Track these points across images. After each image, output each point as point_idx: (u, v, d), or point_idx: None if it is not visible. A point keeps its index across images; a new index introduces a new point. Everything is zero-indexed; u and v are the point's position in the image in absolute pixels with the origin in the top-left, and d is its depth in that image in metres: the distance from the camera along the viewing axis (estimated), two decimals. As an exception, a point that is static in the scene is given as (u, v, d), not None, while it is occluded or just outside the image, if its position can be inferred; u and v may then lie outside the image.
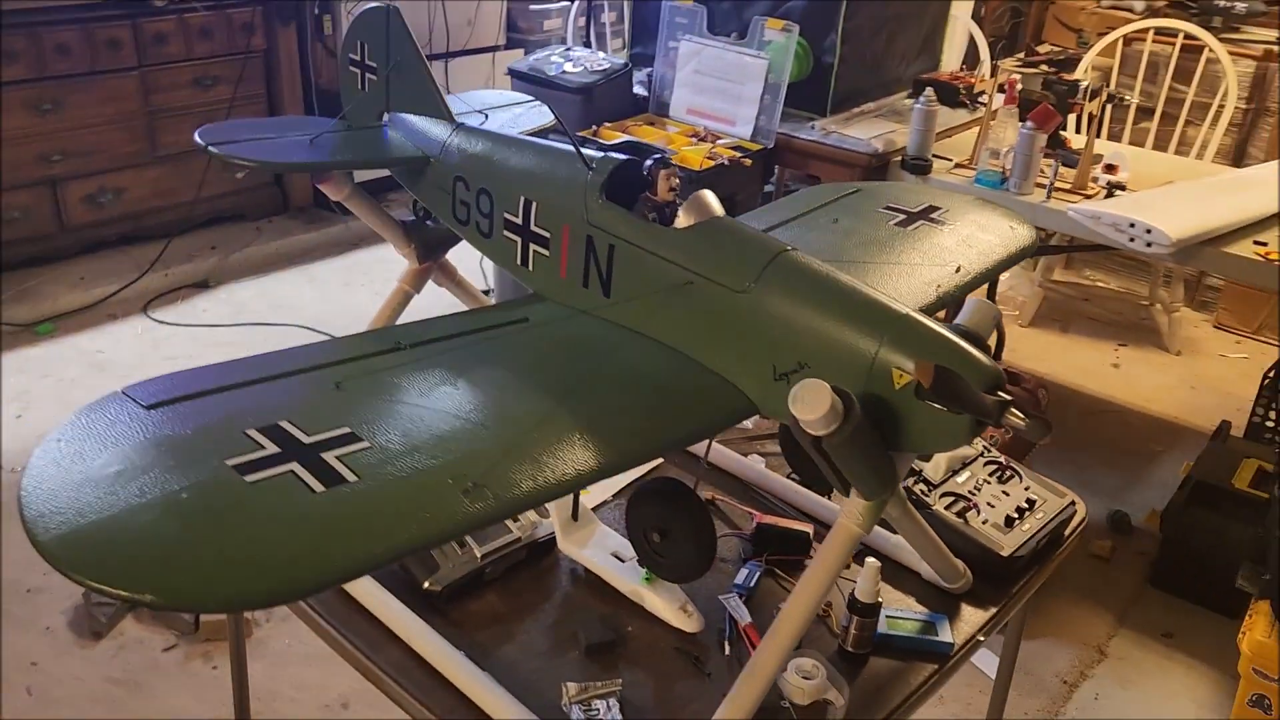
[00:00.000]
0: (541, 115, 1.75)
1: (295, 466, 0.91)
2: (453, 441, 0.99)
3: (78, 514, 0.83)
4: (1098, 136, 3.38)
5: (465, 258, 1.68)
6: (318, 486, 0.89)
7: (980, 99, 3.83)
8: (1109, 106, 3.85)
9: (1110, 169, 3.32)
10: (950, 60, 4.48)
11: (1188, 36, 4.39)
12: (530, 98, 1.84)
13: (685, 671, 1.36)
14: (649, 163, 1.28)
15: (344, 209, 1.64)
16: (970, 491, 1.63)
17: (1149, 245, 2.80)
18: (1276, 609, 2.46)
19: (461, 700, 1.29)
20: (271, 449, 0.93)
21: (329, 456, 0.93)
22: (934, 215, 1.62)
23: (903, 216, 1.61)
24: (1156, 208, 2.90)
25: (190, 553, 0.82)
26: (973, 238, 1.57)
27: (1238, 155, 4.70)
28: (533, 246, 1.38)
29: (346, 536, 0.85)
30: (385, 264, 4.64)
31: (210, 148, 1.51)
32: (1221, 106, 4.43)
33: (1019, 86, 3.29)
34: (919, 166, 3.33)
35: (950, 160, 3.40)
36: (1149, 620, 2.95)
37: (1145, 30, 4.52)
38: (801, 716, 1.27)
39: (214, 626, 2.56)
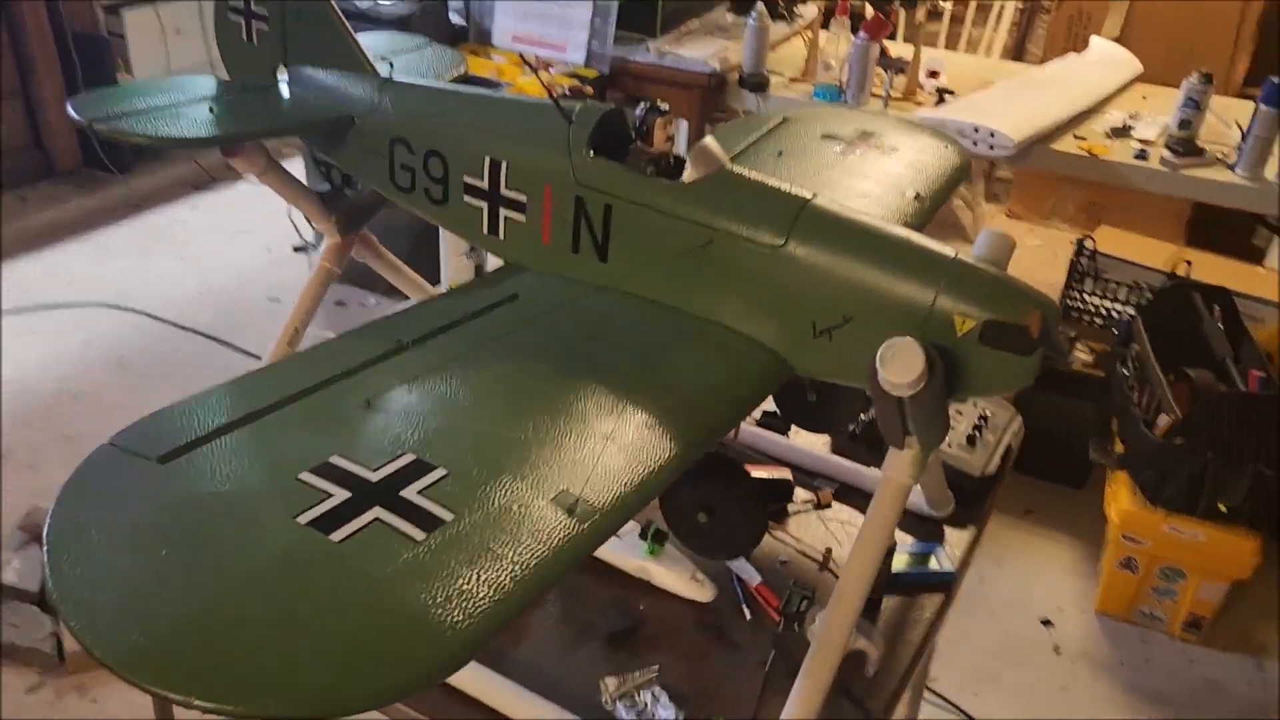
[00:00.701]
0: (443, 59, 1.57)
1: (380, 513, 0.77)
2: (531, 453, 0.87)
3: (143, 620, 0.66)
4: (891, 40, 3.45)
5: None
6: (417, 533, 0.76)
7: (797, 10, 3.85)
8: (911, 11, 3.95)
9: (934, 74, 3.43)
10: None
11: (970, -59, 4.57)
12: (423, 39, 1.65)
13: (712, 645, 1.30)
14: (641, 111, 1.17)
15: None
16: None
17: (992, 148, 2.92)
18: (1135, 479, 2.68)
19: (490, 715, 1.18)
20: (340, 494, 0.78)
21: (410, 494, 0.80)
22: (872, 141, 1.59)
23: (842, 144, 1.57)
24: (993, 111, 3.02)
25: (302, 643, 0.67)
26: (917, 162, 1.55)
27: (1017, 52, 4.97)
28: (504, 212, 1.24)
29: (472, 592, 0.72)
30: (181, 226, 4.22)
31: (95, 124, 1.26)
32: (1003, 7, 4.66)
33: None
34: (757, 83, 3.32)
35: (783, 75, 3.41)
36: (1010, 501, 3.16)
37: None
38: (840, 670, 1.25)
39: (81, 658, 2.29)
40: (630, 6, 3.44)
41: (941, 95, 3.25)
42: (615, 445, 0.91)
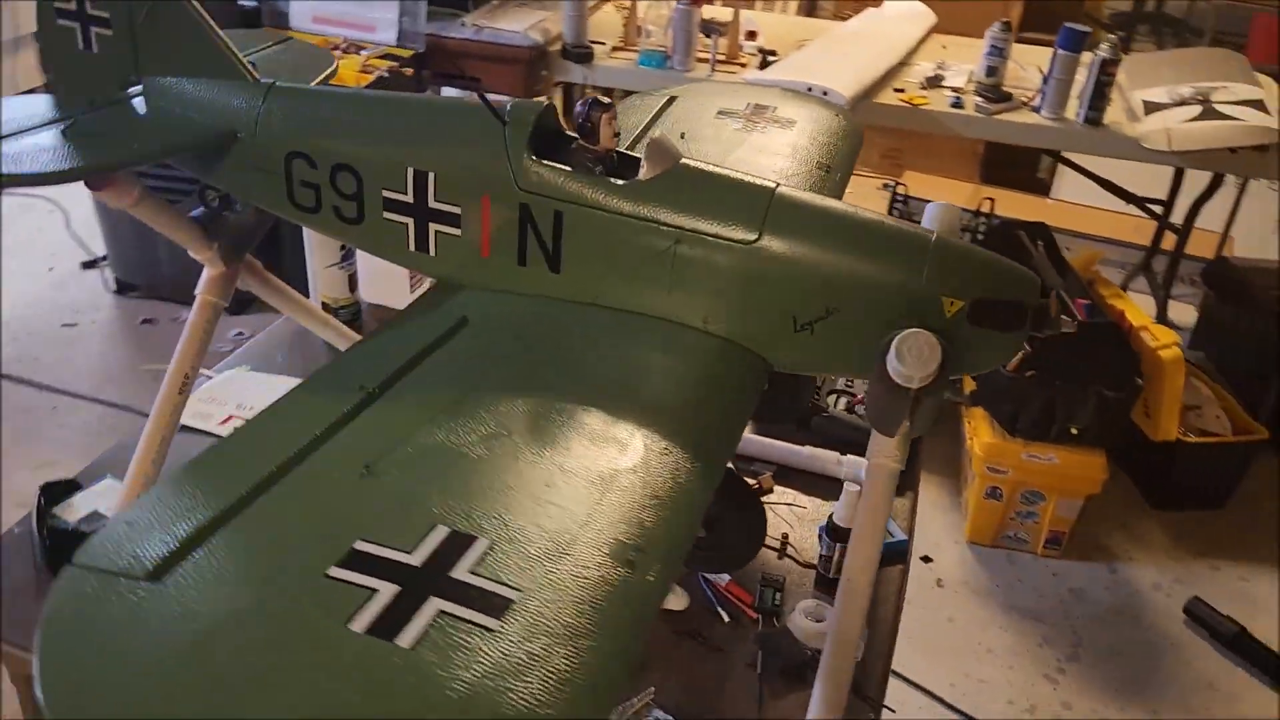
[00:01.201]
0: (310, 60, 1.41)
1: (440, 603, 0.67)
2: (563, 506, 0.78)
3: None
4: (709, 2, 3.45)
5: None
6: (490, 621, 0.66)
7: (606, -24, 3.77)
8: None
9: (752, 35, 3.45)
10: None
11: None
12: (283, 36, 1.47)
13: (697, 653, 1.26)
14: (583, 106, 1.08)
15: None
16: (847, 384, 1.65)
17: (825, 107, 2.97)
18: (992, 414, 2.82)
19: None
20: (386, 588, 0.67)
21: (462, 574, 0.69)
22: (768, 114, 1.56)
23: (741, 120, 1.53)
24: (821, 70, 3.06)
25: None
26: (816, 133, 1.53)
27: (810, 8, 5.09)
28: (434, 226, 1.12)
29: (573, 678, 0.63)
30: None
31: None
32: (794, -37, 4.74)
33: (671, -38, 3.26)
34: (581, 54, 3.24)
35: (605, 44, 3.34)
36: (868, 446, 3.27)
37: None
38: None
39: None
40: (436, -20, 3.28)
41: (765, 56, 3.27)
42: (640, 480, 0.84)
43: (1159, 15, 6.18)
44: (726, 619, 1.30)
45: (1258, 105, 3.07)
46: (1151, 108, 3.10)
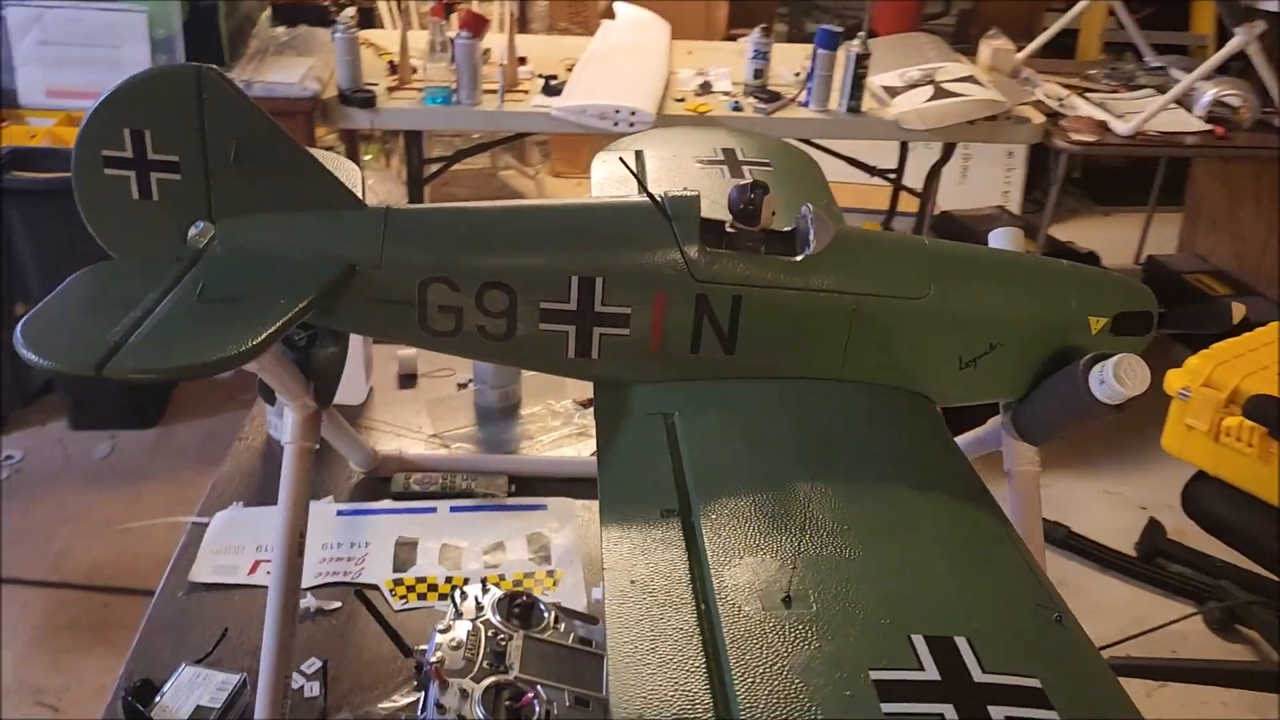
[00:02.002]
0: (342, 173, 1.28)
1: (997, 709, 0.69)
2: (983, 581, 0.83)
3: None
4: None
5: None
6: (1042, 713, 0.70)
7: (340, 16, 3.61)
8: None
9: (523, 61, 3.47)
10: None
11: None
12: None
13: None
14: (745, 191, 1.10)
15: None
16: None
17: (633, 125, 3.06)
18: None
19: None
20: (942, 708, 0.69)
21: (981, 678, 0.72)
22: (745, 157, 1.62)
23: (727, 167, 1.59)
24: (616, 89, 3.15)
25: None
26: (795, 171, 1.62)
27: (524, 23, 5.14)
28: (599, 330, 1.10)
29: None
30: None
31: (106, 369, 0.84)
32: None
33: (445, -2, 3.20)
34: (363, 99, 3.10)
35: (377, 85, 3.22)
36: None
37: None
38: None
39: None
40: (186, 37, 3.02)
41: (547, 82, 3.30)
42: (1005, 535, 0.91)
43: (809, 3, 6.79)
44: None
45: (973, 80, 3.54)
46: (891, 92, 3.49)
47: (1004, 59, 3.86)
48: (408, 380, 1.87)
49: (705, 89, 3.43)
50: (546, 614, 1.29)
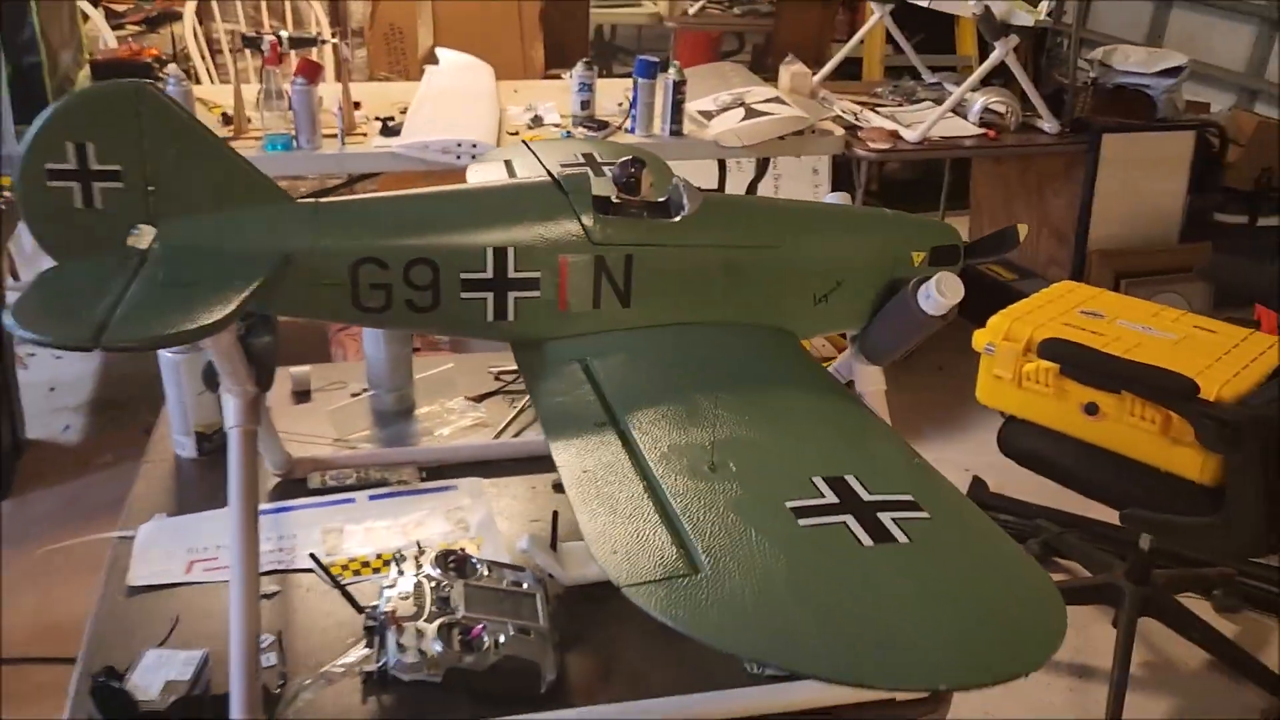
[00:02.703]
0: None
1: (883, 515, 0.90)
2: (866, 440, 1.05)
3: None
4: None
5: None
6: (920, 513, 0.91)
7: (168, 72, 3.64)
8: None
9: (357, 105, 3.59)
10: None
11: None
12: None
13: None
14: (626, 166, 1.30)
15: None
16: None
17: (474, 156, 3.23)
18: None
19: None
20: (846, 518, 0.89)
21: (869, 497, 0.93)
22: (603, 159, 1.82)
23: (586, 168, 1.78)
24: (456, 125, 3.32)
25: None
26: (660, 168, 1.83)
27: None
28: (513, 294, 1.26)
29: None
30: None
31: (99, 341, 0.93)
32: (319, 30, 4.87)
33: (281, 48, 3.29)
34: (204, 150, 3.15)
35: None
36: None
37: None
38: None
39: None
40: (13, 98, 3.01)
41: (385, 124, 3.43)
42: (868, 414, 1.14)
43: (610, 44, 7.14)
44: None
45: (779, 100, 3.89)
46: (707, 115, 3.79)
47: (802, 81, 4.24)
48: (303, 396, 1.97)
49: (536, 122, 3.64)
50: (479, 565, 1.43)
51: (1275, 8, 5.40)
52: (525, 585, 1.43)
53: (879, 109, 4.21)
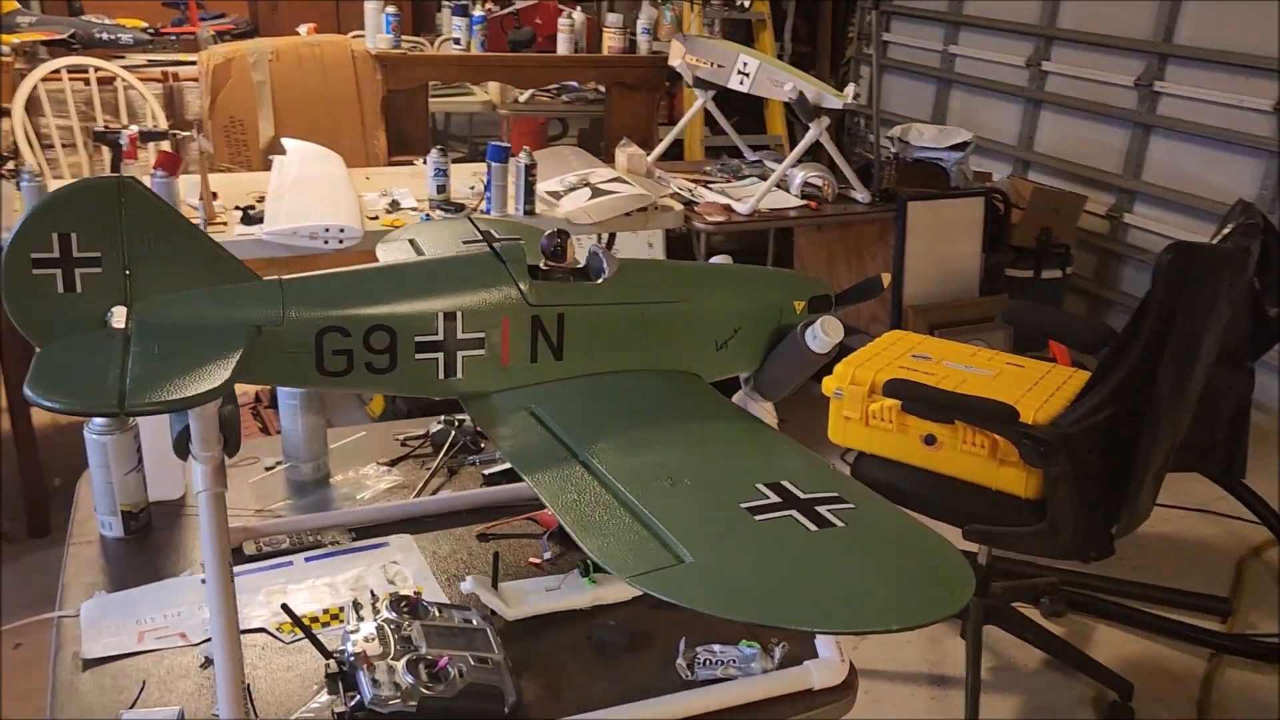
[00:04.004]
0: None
1: (823, 507, 1.12)
2: (785, 459, 1.26)
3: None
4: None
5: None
6: (846, 505, 1.12)
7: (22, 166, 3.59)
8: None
9: (215, 195, 3.64)
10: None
11: (98, 69, 4.69)
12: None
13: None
14: (553, 238, 1.48)
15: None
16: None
17: (342, 241, 3.35)
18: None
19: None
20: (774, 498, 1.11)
21: (804, 495, 1.14)
22: (499, 235, 2.01)
23: (480, 239, 1.96)
24: (319, 212, 3.42)
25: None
26: (535, 237, 2.02)
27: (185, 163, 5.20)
28: (461, 354, 1.41)
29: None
30: None
31: (125, 407, 1.00)
32: (156, 123, 4.88)
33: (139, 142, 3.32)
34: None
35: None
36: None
37: (58, 72, 4.64)
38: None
39: None
40: None
41: (245, 212, 3.50)
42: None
43: (444, 132, 7.34)
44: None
45: (621, 180, 4.18)
46: (555, 195, 4.04)
47: (638, 162, 4.55)
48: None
49: (394, 206, 3.78)
50: (430, 608, 1.56)
51: (1034, 89, 6.16)
52: (475, 622, 1.56)
53: (710, 185, 4.56)
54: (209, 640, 1.46)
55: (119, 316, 1.29)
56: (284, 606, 1.49)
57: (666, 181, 4.51)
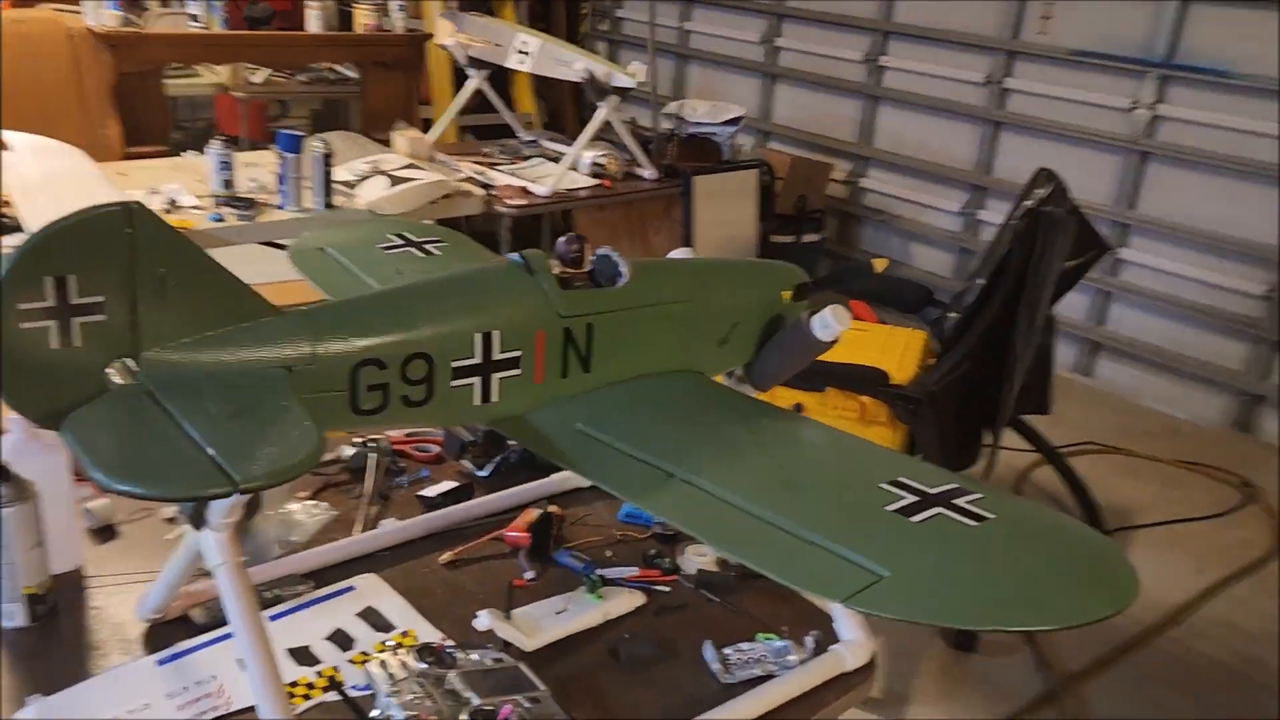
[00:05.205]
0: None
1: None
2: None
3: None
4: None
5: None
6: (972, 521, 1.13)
7: None
8: None
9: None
10: None
11: None
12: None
13: (715, 607, 1.67)
14: (570, 243, 1.37)
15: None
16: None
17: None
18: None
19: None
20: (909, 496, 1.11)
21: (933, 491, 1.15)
22: (419, 239, 1.85)
23: (411, 249, 1.81)
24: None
25: None
26: (455, 239, 1.88)
27: None
28: (496, 376, 1.28)
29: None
30: None
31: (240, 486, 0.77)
32: None
33: None
34: None
35: None
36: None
37: None
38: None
39: None
40: None
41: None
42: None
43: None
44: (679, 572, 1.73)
45: (414, 166, 3.99)
46: (349, 185, 3.78)
47: (420, 146, 4.35)
48: (105, 531, 1.75)
49: (173, 205, 3.39)
50: (454, 652, 1.43)
51: (770, 64, 6.50)
52: (505, 660, 1.45)
53: (498, 168, 4.44)
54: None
55: (122, 373, 1.07)
56: (334, 684, 1.31)
57: (452, 166, 4.34)
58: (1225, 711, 3.10)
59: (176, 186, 3.52)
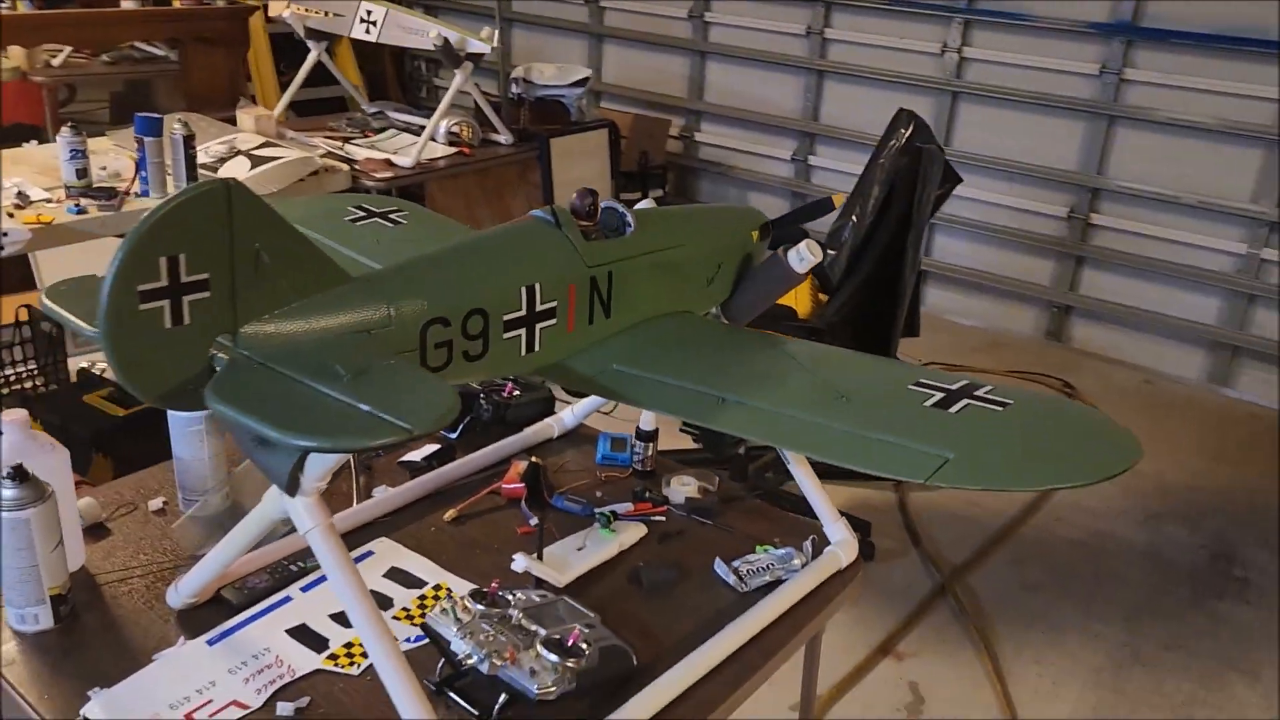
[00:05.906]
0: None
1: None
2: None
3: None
4: None
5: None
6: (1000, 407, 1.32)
7: None
8: None
9: None
10: None
11: None
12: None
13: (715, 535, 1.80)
14: (584, 197, 1.45)
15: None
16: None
17: (3, 247, 2.77)
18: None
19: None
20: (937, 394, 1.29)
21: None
22: (381, 210, 1.88)
23: (376, 219, 1.84)
24: None
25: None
26: (414, 209, 1.93)
27: None
28: (539, 326, 1.35)
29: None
30: None
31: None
32: None
33: None
34: None
35: None
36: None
37: None
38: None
39: None
40: None
41: None
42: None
43: None
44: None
45: (271, 144, 3.90)
46: (209, 168, 3.66)
47: (267, 124, 4.23)
48: (97, 530, 1.71)
49: (24, 200, 3.20)
50: (504, 594, 1.51)
51: (596, 25, 6.59)
52: (547, 596, 1.54)
53: (353, 141, 4.37)
54: (272, 699, 1.35)
55: (220, 346, 1.10)
56: (424, 625, 1.36)
57: (303, 142, 4.24)
58: (1089, 577, 3.53)
59: (21, 180, 3.31)
